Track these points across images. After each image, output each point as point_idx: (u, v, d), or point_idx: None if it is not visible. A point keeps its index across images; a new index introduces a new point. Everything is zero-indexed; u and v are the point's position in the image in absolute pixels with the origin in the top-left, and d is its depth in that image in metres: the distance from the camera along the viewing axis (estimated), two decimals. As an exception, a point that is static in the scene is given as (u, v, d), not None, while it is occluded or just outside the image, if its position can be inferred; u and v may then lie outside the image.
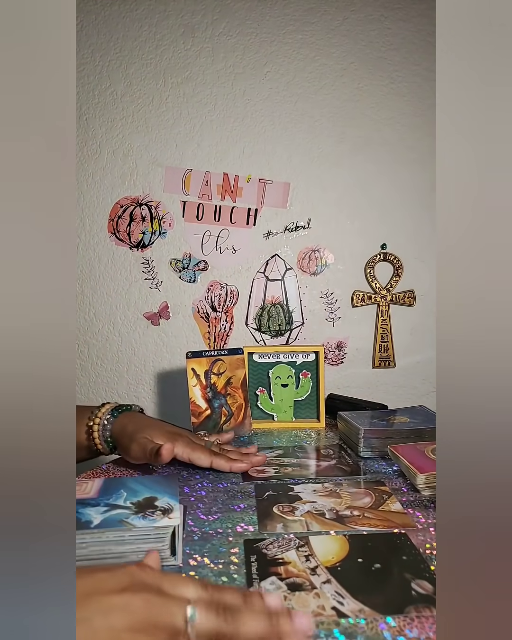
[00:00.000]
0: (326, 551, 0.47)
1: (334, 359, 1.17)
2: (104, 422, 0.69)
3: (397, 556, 0.46)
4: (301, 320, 1.17)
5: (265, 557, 0.46)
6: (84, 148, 1.14)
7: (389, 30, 1.12)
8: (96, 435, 0.69)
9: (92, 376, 1.19)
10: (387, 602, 0.39)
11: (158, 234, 1.15)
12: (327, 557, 0.46)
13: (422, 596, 0.40)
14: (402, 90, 1.13)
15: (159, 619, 0.30)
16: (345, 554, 0.47)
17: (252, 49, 1.12)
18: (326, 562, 0.45)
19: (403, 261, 1.15)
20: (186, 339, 1.17)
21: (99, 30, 1.13)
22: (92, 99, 1.14)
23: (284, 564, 0.45)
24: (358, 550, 0.47)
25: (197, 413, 0.88)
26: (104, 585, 0.31)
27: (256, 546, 0.48)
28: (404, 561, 0.45)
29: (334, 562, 0.45)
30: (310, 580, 0.42)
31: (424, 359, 1.17)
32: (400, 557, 0.46)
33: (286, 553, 0.47)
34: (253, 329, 1.17)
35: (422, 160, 1.14)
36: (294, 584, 0.42)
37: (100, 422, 0.69)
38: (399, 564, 0.45)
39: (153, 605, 0.30)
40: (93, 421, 0.69)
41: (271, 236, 1.15)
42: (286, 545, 0.48)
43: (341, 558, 0.46)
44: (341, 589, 0.41)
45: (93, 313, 1.17)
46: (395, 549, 0.47)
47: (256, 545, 0.49)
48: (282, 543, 0.49)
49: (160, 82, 1.13)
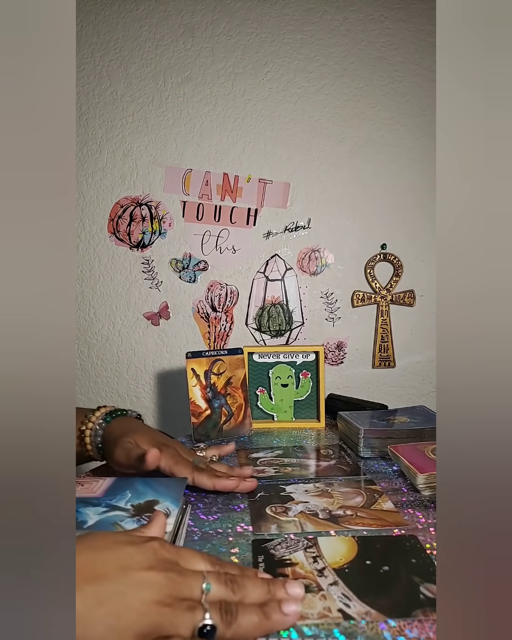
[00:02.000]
0: (334, 553, 0.47)
1: (334, 359, 1.17)
2: (96, 427, 0.66)
3: (406, 559, 0.46)
4: (301, 320, 1.17)
5: (273, 558, 0.46)
6: (84, 148, 1.14)
7: (389, 30, 1.12)
8: (88, 441, 0.66)
9: (92, 376, 1.19)
10: (394, 605, 0.39)
11: (158, 234, 1.15)
12: (335, 559, 0.46)
13: (430, 600, 0.39)
14: (402, 90, 1.13)
15: (180, 593, 0.34)
16: (353, 555, 0.46)
17: (252, 49, 1.12)
18: (334, 563, 0.45)
19: (403, 261, 1.15)
20: (186, 339, 1.17)
21: (99, 30, 1.13)
22: (92, 99, 1.14)
23: (291, 565, 0.45)
24: (367, 553, 0.47)
25: (197, 413, 0.88)
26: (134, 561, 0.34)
27: (264, 546, 0.48)
28: (413, 564, 0.45)
29: (342, 563, 0.45)
30: (317, 581, 0.42)
31: (424, 359, 1.17)
32: (409, 560, 0.45)
33: (294, 554, 0.47)
34: (253, 329, 1.17)
35: (422, 160, 1.14)
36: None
37: (93, 426, 0.66)
38: (407, 566, 0.44)
39: (174, 582, 0.34)
40: (86, 425, 0.67)
41: (271, 236, 1.15)
42: (294, 546, 0.48)
43: (349, 560, 0.46)
44: (348, 591, 0.41)
45: (93, 313, 1.17)
46: (404, 552, 0.47)
47: (264, 545, 0.49)
48: (290, 544, 0.49)
49: (160, 82, 1.13)
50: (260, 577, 0.39)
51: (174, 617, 0.32)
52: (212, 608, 0.34)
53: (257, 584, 0.37)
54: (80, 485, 0.56)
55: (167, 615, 0.32)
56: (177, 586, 0.34)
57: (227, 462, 0.72)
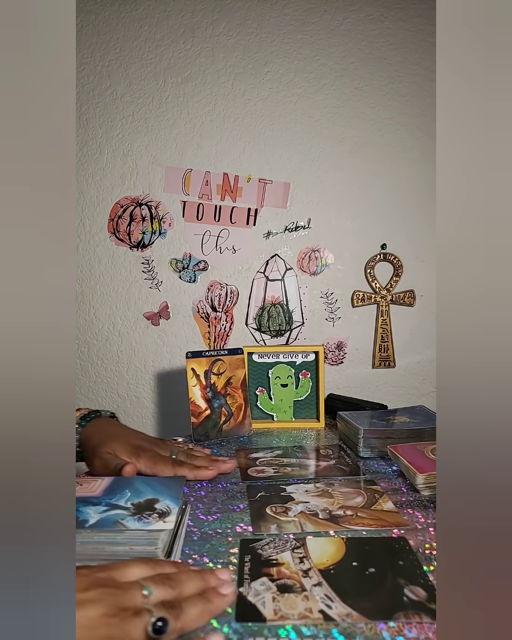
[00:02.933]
0: (322, 553, 0.47)
1: (334, 359, 1.17)
2: None
3: (394, 561, 0.45)
4: (301, 320, 1.17)
5: (259, 558, 0.46)
6: (84, 148, 1.14)
7: (389, 30, 1.12)
8: None
9: (92, 376, 1.19)
10: (376, 607, 0.39)
11: (158, 234, 1.15)
12: (321, 560, 0.46)
13: (413, 602, 0.39)
14: (402, 90, 1.13)
15: (123, 603, 0.35)
16: (340, 556, 0.46)
17: (252, 49, 1.12)
18: (320, 564, 0.45)
19: (403, 261, 1.15)
20: (186, 339, 1.17)
21: (99, 30, 1.13)
22: (92, 99, 1.14)
23: (277, 565, 0.45)
24: (354, 554, 0.47)
25: (197, 413, 0.88)
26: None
27: (252, 546, 0.48)
28: (400, 566, 0.45)
29: (328, 564, 0.45)
30: (301, 582, 0.42)
31: (424, 359, 1.17)
32: (396, 562, 0.45)
33: (281, 554, 0.47)
34: (253, 329, 1.17)
35: (422, 160, 1.14)
36: (284, 586, 0.42)
37: None
38: (394, 568, 0.44)
39: (114, 594, 0.36)
40: None
41: (271, 236, 1.15)
42: (282, 547, 0.48)
43: (336, 561, 0.46)
44: (331, 592, 0.41)
45: (93, 313, 1.17)
46: (392, 554, 0.47)
47: (251, 545, 0.49)
48: (278, 544, 0.49)
49: (160, 82, 1.13)
50: (193, 570, 0.42)
51: (123, 625, 0.34)
52: (157, 608, 0.36)
53: (191, 577, 0.40)
54: (79, 484, 0.56)
55: (116, 626, 0.34)
56: (118, 598, 0.35)
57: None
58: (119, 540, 0.46)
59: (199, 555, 0.47)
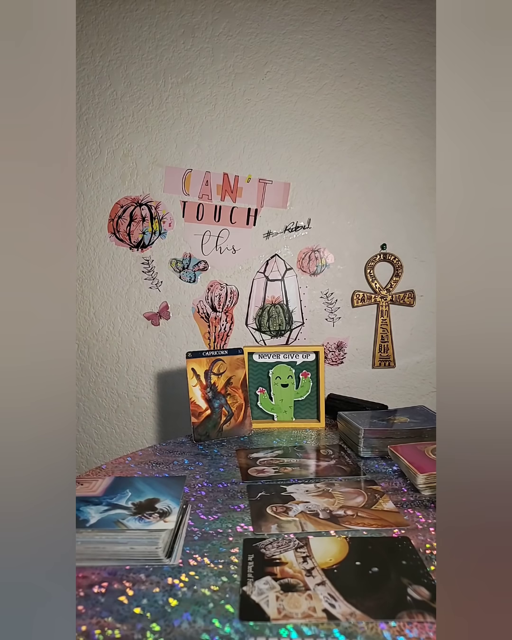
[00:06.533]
0: (325, 553, 0.47)
1: (334, 359, 1.17)
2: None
3: (397, 560, 0.45)
4: (301, 320, 1.17)
5: (263, 557, 0.46)
6: (84, 148, 1.14)
7: (389, 30, 1.12)
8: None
9: (92, 376, 1.19)
10: (379, 607, 0.39)
11: (158, 234, 1.15)
12: (325, 559, 0.46)
13: (417, 602, 0.39)
14: (402, 90, 1.13)
15: None
16: (343, 556, 0.46)
17: (252, 49, 1.12)
18: (323, 563, 0.45)
19: (403, 261, 1.15)
20: (186, 339, 1.17)
21: (99, 30, 1.13)
22: (92, 99, 1.14)
23: (280, 564, 0.45)
24: (357, 553, 0.47)
25: (197, 413, 0.88)
26: None
27: (255, 545, 0.48)
28: (403, 566, 0.45)
29: (331, 564, 0.45)
30: (304, 581, 0.42)
31: (424, 359, 1.17)
32: (399, 562, 0.45)
33: (284, 553, 0.47)
34: (253, 329, 1.17)
35: (421, 161, 1.14)
36: (288, 585, 0.42)
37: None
38: (397, 568, 0.44)
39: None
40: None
41: (271, 236, 1.15)
42: (285, 546, 0.48)
43: (339, 560, 0.46)
44: (335, 592, 0.41)
45: (93, 313, 1.17)
46: (395, 553, 0.47)
47: (254, 544, 0.49)
48: (281, 543, 0.49)
49: (160, 82, 1.13)
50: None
51: None
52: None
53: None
54: (80, 484, 0.56)
55: None
56: None
57: (228, 461, 0.72)
58: (119, 540, 0.46)
59: (200, 555, 0.47)
